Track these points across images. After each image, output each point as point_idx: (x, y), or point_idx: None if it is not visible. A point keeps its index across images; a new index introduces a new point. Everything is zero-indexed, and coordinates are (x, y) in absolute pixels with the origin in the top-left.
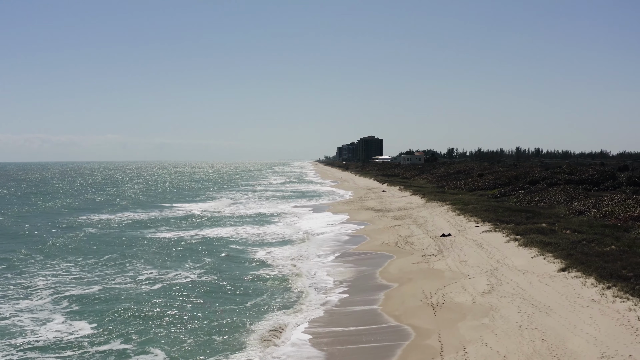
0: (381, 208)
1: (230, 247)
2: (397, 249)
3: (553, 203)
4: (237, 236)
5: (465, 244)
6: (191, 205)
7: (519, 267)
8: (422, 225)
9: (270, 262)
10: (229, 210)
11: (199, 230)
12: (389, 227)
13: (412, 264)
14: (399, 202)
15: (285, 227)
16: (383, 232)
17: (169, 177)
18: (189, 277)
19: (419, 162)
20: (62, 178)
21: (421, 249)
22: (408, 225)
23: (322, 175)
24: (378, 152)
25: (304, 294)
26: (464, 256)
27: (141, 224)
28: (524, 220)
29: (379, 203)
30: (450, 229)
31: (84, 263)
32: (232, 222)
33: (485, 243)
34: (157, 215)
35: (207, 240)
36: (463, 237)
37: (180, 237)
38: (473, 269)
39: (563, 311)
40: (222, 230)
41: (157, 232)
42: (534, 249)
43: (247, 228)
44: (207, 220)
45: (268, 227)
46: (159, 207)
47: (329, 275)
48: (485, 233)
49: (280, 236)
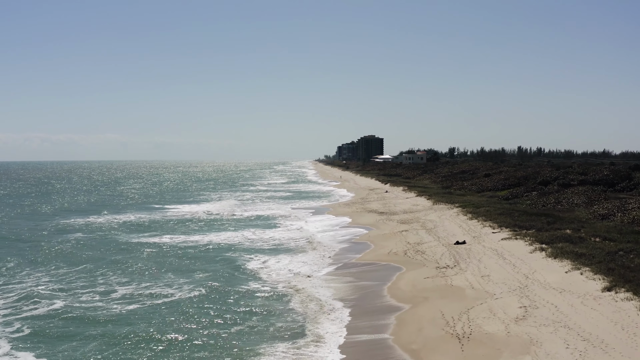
0: (385, 210)
1: (222, 256)
2: (406, 259)
3: (571, 206)
4: (231, 243)
5: (484, 254)
6: (185, 207)
7: (553, 284)
8: (431, 231)
9: (265, 276)
10: (225, 212)
11: (190, 235)
12: (395, 232)
13: (425, 279)
14: (404, 204)
15: (283, 232)
16: (389, 238)
17: (169, 177)
18: (171, 295)
19: (421, 161)
20: (61, 178)
21: (434, 260)
22: (416, 230)
23: (322, 175)
24: (378, 151)
25: (300, 320)
26: (484, 269)
27: (129, 228)
28: (545, 225)
29: (382, 205)
30: (464, 236)
31: (55, 273)
32: (227, 226)
33: (507, 253)
34: (149, 218)
35: (197, 247)
36: (480, 245)
37: (168, 244)
38: (499, 286)
39: (624, 347)
40: (216, 235)
41: (144, 238)
42: (565, 261)
43: (244, 233)
44: (200, 224)
45: (265, 232)
46: (153, 209)
47: (329, 292)
48: (505, 241)
49: (278, 243)
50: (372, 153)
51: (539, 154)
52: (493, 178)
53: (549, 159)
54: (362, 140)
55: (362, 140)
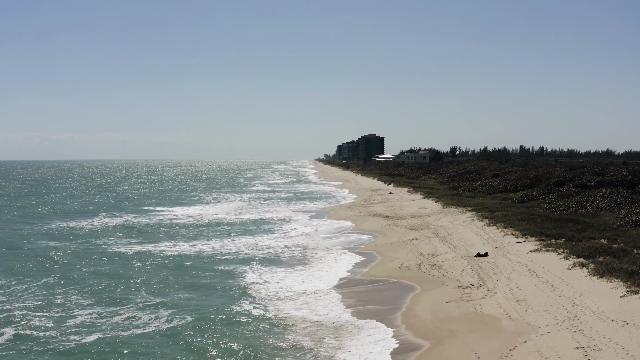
0: (391, 214)
1: (210, 269)
2: (421, 275)
3: (596, 210)
4: (221, 252)
5: (513, 270)
6: (178, 210)
7: (609, 313)
8: (446, 239)
9: (254, 294)
10: (220, 215)
11: (177, 243)
12: (404, 240)
13: (448, 303)
14: (411, 207)
15: (280, 239)
16: (398, 247)
17: (166, 177)
18: (143, 325)
19: (424, 161)
20: (59, 178)
21: (454, 276)
22: (428, 238)
23: (323, 174)
24: (379, 150)
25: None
26: (518, 290)
27: (112, 234)
28: (574, 233)
29: (387, 208)
30: (484, 246)
31: (9, 290)
32: (220, 232)
33: (540, 269)
34: (137, 222)
35: (183, 258)
36: (505, 258)
37: (151, 254)
38: (541, 315)
39: None
40: (206, 243)
41: (125, 246)
42: (615, 281)
43: (237, 240)
44: (190, 230)
45: (260, 240)
46: (144, 211)
47: (330, 322)
48: (535, 253)
49: (273, 253)
50: (372, 152)
51: (541, 153)
52: (503, 179)
53: (556, 158)
54: (362, 139)
55: (362, 139)
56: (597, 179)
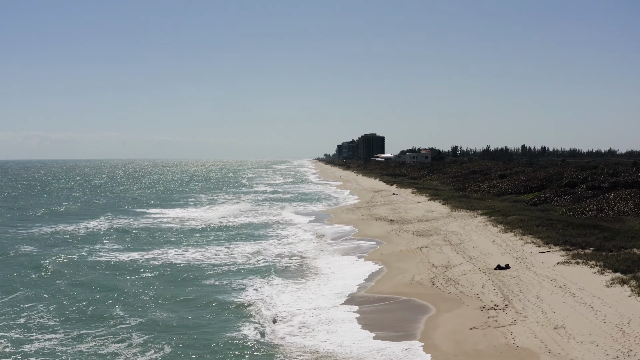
0: (396, 218)
1: (196, 283)
2: (435, 292)
3: (618, 214)
4: (210, 263)
5: (541, 287)
6: (171, 212)
7: None
8: (459, 247)
9: (247, 313)
10: (213, 218)
11: (164, 250)
12: (413, 249)
13: (471, 330)
14: (417, 210)
15: (276, 246)
16: (406, 257)
17: (163, 177)
18: (112, 355)
19: (426, 160)
20: (57, 178)
21: (474, 294)
22: (439, 246)
23: (323, 174)
24: (380, 150)
25: None
26: (552, 314)
27: (96, 240)
28: (602, 241)
29: (391, 211)
30: (503, 256)
31: None
32: (212, 238)
33: (573, 285)
34: (125, 225)
35: (167, 269)
36: (529, 271)
37: (133, 264)
38: (587, 347)
39: None
40: (197, 250)
41: (107, 254)
42: None
43: (229, 248)
44: (180, 234)
45: (254, 246)
46: (135, 213)
47: (331, 353)
48: (563, 266)
49: (267, 263)
50: (373, 152)
51: (543, 152)
52: (512, 179)
53: (562, 158)
54: (362, 138)
55: (362, 138)
56: (612, 180)
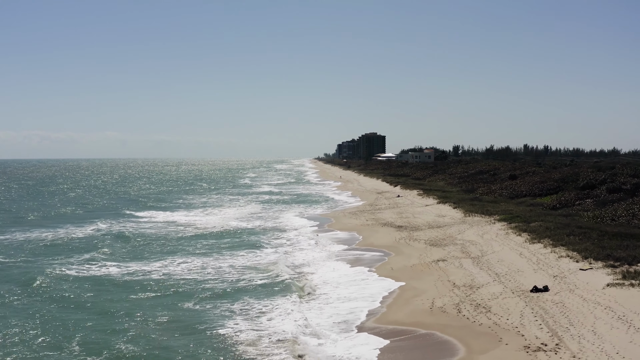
0: (404, 224)
1: (177, 305)
2: (463, 322)
3: None
4: (199, 277)
5: (595, 317)
6: (160, 215)
7: None
8: (481, 261)
9: (226, 350)
10: (204, 223)
11: (144, 262)
12: (427, 262)
13: None
14: (426, 215)
15: (271, 257)
16: (421, 273)
17: (161, 177)
18: None
19: (429, 160)
20: (57, 177)
21: (511, 326)
22: (458, 259)
23: (323, 174)
24: (380, 149)
25: None
26: (618, 356)
27: (76, 249)
28: None
29: (397, 215)
30: (536, 273)
31: None
32: (199, 247)
33: (636, 316)
34: (109, 230)
35: (142, 287)
36: (574, 295)
37: (104, 279)
38: None
39: None
40: (180, 262)
41: (80, 267)
42: None
43: (216, 261)
44: (164, 243)
45: (249, 256)
46: (124, 215)
47: None
48: (615, 289)
49: (257, 284)
50: (373, 151)
51: (546, 152)
52: (525, 180)
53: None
54: (363, 137)
55: (363, 137)
56: (633, 181)
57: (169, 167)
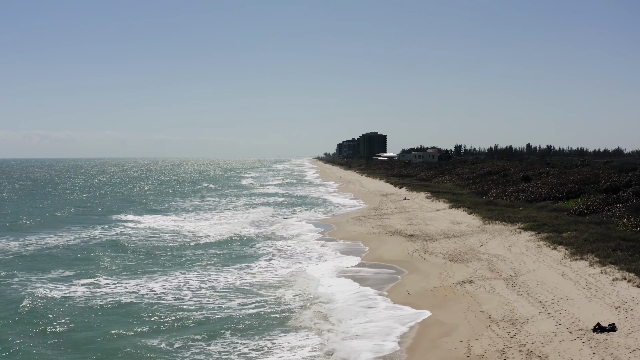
0: (415, 232)
1: (142, 342)
2: None
3: None
4: (175, 302)
5: None
6: (148, 219)
7: None
8: (515, 283)
9: None
10: (193, 230)
11: (120, 278)
12: (451, 285)
13: None
14: (438, 221)
15: (261, 275)
16: (445, 300)
17: (158, 177)
18: None
19: (432, 160)
20: (55, 178)
21: None
22: (488, 281)
23: (323, 174)
24: (381, 149)
25: None
26: None
27: (51, 261)
28: None
29: (407, 221)
30: (590, 301)
31: None
32: (182, 260)
33: None
34: (90, 238)
35: (108, 312)
36: None
37: (62, 299)
38: None
39: None
40: (160, 280)
41: (48, 284)
42: None
43: (200, 279)
44: (144, 255)
45: (236, 272)
46: (110, 221)
47: None
48: None
49: (243, 305)
50: (374, 151)
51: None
52: (542, 182)
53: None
54: (364, 137)
55: (364, 137)
56: None
57: (170, 166)
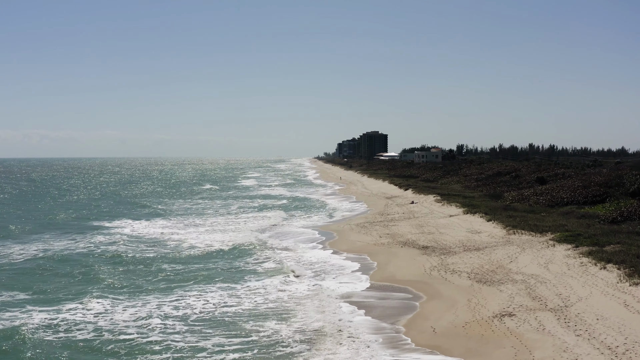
0: (430, 243)
1: None
2: None
3: None
4: (135, 343)
5: None
6: (133, 225)
7: None
8: (567, 316)
9: None
10: (179, 237)
11: (82, 305)
12: (486, 319)
13: None
14: (454, 229)
15: (245, 300)
16: (482, 342)
17: (156, 176)
18: None
19: (436, 159)
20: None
21: None
22: (532, 312)
23: (323, 175)
24: (382, 148)
25: None
26: None
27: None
28: None
29: (417, 229)
30: None
31: None
32: (163, 275)
33: None
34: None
35: (68, 350)
36: None
37: (4, 332)
38: None
39: None
40: (124, 303)
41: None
42: None
43: (179, 297)
44: (120, 269)
45: (219, 301)
46: (90, 228)
47: None
48: None
49: (218, 344)
50: (375, 150)
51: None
52: (562, 185)
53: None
54: (364, 136)
55: (364, 136)
56: None
57: (170, 167)
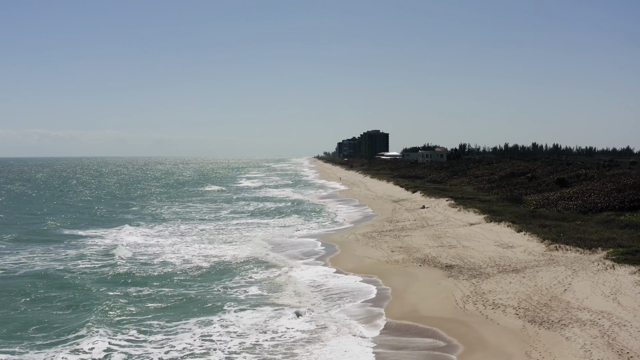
0: (454, 261)
1: None
2: None
3: None
4: None
5: None
6: (111, 235)
7: None
8: None
9: None
10: (157, 250)
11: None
12: None
13: None
14: (479, 241)
15: (225, 343)
16: None
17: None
18: None
19: (442, 159)
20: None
21: None
22: None
23: (323, 175)
24: (384, 147)
25: None
26: None
27: None
28: None
29: (435, 240)
30: None
31: None
32: (119, 305)
33: None
34: (14, 264)
35: None
36: None
37: None
38: None
39: None
40: (63, 346)
41: None
42: None
43: (128, 345)
44: (83, 292)
45: (183, 350)
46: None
47: None
48: None
49: None
50: (376, 150)
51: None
52: (592, 188)
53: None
54: (365, 135)
55: (365, 135)
56: None
57: (170, 166)
